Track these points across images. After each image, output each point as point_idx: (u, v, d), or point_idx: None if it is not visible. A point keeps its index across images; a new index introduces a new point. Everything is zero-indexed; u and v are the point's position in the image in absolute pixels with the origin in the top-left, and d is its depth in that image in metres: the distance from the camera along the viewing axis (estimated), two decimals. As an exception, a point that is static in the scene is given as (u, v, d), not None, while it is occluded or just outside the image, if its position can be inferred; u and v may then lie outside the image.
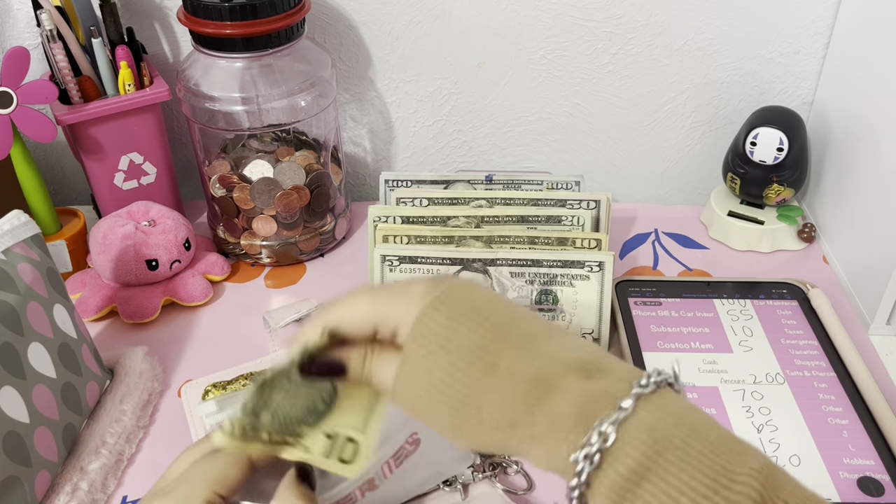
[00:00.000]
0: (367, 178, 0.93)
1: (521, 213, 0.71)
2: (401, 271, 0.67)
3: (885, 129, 0.69)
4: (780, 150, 0.76)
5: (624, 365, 0.36)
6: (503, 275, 0.67)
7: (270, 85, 0.72)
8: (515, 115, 0.87)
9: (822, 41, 0.80)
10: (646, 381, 0.33)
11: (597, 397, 0.33)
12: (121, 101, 0.74)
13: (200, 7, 0.67)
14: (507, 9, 0.80)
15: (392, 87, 0.86)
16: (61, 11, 0.72)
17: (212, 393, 0.59)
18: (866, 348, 0.68)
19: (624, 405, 0.32)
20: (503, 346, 0.35)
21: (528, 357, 0.35)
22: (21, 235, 0.56)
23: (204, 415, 0.54)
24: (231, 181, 0.76)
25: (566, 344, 0.36)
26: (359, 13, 0.81)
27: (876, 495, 0.54)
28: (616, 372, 0.35)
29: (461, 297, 0.37)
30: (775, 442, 0.57)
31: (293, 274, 0.79)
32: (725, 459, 0.31)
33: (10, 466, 0.50)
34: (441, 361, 0.35)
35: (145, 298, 0.72)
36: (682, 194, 0.92)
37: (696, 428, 0.32)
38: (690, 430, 0.32)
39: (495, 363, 0.35)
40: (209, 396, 0.58)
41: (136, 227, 0.72)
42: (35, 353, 0.54)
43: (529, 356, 0.35)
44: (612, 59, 0.82)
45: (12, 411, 0.51)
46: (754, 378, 0.63)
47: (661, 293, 0.72)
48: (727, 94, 0.84)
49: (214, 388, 0.59)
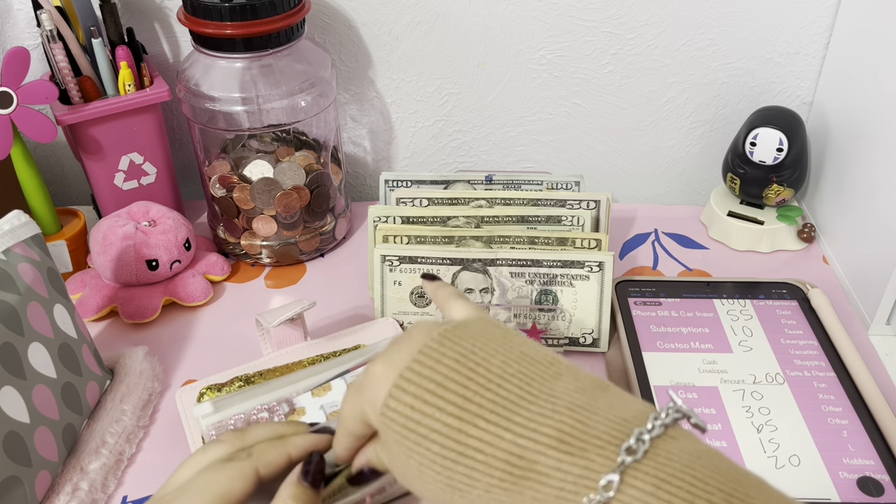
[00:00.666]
0: (367, 178, 0.94)
1: (521, 214, 0.71)
2: (401, 271, 0.67)
3: (885, 129, 0.69)
4: (780, 151, 0.76)
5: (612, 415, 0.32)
6: (503, 275, 0.67)
7: (270, 85, 0.72)
8: (515, 116, 0.87)
9: (822, 41, 0.80)
10: (635, 444, 0.30)
11: (575, 481, 0.30)
12: (121, 102, 0.74)
13: (200, 7, 0.67)
14: (507, 9, 0.80)
15: (392, 87, 0.86)
16: (61, 11, 0.72)
17: (207, 395, 0.59)
18: (866, 348, 0.68)
19: (605, 485, 0.30)
20: (475, 425, 0.33)
21: (502, 434, 0.32)
22: (21, 235, 0.56)
23: (200, 416, 0.54)
24: (231, 181, 0.76)
25: (547, 406, 0.33)
26: (359, 13, 0.81)
27: (876, 495, 0.54)
28: (600, 436, 0.31)
29: (427, 371, 0.34)
30: (775, 442, 0.58)
31: (293, 274, 0.79)
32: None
33: (10, 466, 0.50)
34: (416, 448, 0.34)
35: (145, 298, 0.72)
36: (682, 194, 0.92)
37: (695, 491, 0.29)
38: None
39: (467, 447, 0.33)
40: (204, 399, 0.58)
41: (136, 227, 0.72)
42: (35, 353, 0.54)
43: (502, 432, 0.32)
44: (611, 59, 0.82)
45: (12, 411, 0.51)
46: (754, 378, 0.63)
47: (661, 293, 0.72)
48: (727, 94, 0.84)
49: (209, 390, 0.59)
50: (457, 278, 0.67)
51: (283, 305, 0.64)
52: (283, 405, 0.54)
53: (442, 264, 0.67)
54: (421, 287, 0.68)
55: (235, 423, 0.53)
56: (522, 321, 0.68)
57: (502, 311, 0.68)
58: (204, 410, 0.53)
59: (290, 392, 0.55)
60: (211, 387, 0.59)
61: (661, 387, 0.62)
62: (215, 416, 0.53)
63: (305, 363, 0.60)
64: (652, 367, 0.64)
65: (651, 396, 0.61)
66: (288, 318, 0.62)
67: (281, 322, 0.61)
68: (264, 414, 0.53)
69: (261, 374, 0.60)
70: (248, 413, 0.54)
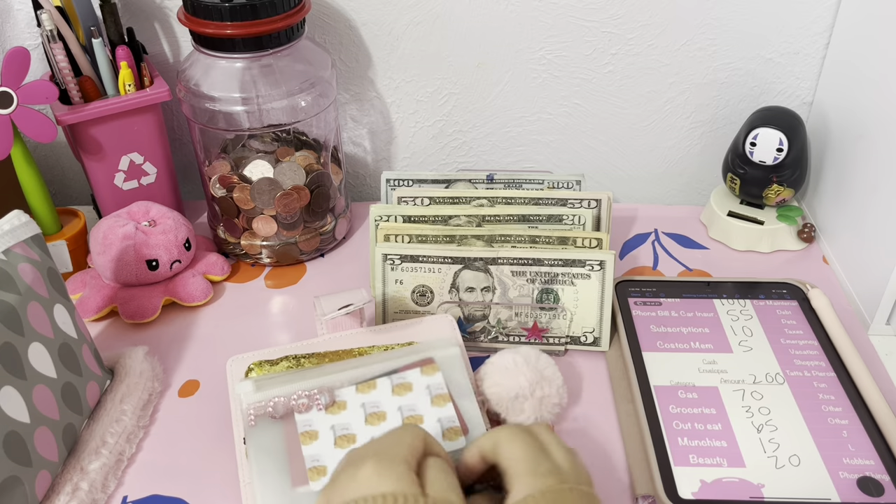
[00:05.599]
0: (367, 178, 0.94)
1: (523, 213, 0.71)
2: (402, 270, 0.67)
3: (885, 129, 0.69)
4: (780, 151, 0.76)
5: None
6: (504, 273, 0.67)
7: (270, 85, 0.72)
8: (515, 116, 0.87)
9: (822, 41, 0.80)
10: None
11: None
12: (121, 102, 0.74)
13: (200, 7, 0.67)
14: (507, 9, 0.80)
15: (392, 87, 0.86)
16: (61, 11, 0.72)
17: (255, 371, 0.59)
18: (866, 348, 0.68)
19: None
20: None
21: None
22: (21, 235, 0.56)
23: (241, 393, 0.54)
24: (231, 181, 0.76)
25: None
26: (359, 13, 0.81)
27: (876, 495, 0.54)
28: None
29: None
30: (775, 442, 0.58)
31: (293, 274, 0.79)
32: None
33: (10, 466, 0.50)
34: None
35: (145, 298, 0.72)
36: (682, 194, 0.92)
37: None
38: None
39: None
40: (251, 374, 0.58)
41: (136, 228, 0.72)
42: (35, 353, 0.54)
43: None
44: (612, 59, 0.82)
45: (13, 411, 0.51)
46: (754, 378, 0.63)
47: (661, 293, 0.72)
48: (727, 94, 0.84)
49: (258, 366, 0.59)
50: (458, 277, 0.67)
51: (341, 293, 0.63)
52: (324, 395, 0.55)
53: (444, 263, 0.67)
54: (422, 286, 0.68)
55: (275, 406, 0.54)
56: (524, 320, 0.68)
57: (503, 310, 0.68)
58: (245, 388, 0.55)
59: (333, 381, 0.55)
60: (261, 363, 0.59)
61: (661, 387, 0.62)
62: (256, 396, 0.54)
63: (356, 353, 0.60)
64: (652, 367, 0.64)
65: (651, 396, 0.61)
66: (342, 314, 0.62)
67: (335, 316, 0.62)
68: (304, 400, 0.54)
69: (311, 356, 0.60)
70: (287, 396, 0.55)
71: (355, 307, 0.62)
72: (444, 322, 0.64)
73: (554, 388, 0.60)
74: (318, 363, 0.59)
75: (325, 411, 0.54)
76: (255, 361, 0.59)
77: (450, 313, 0.67)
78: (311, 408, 0.54)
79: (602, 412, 0.63)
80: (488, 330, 0.68)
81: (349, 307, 0.62)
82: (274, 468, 0.52)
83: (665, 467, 0.56)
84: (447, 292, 0.68)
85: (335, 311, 0.61)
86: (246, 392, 0.55)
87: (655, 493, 0.54)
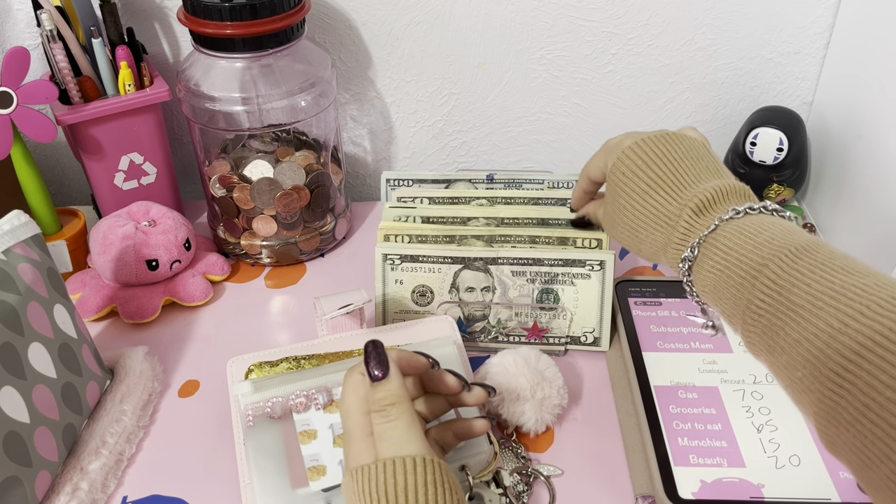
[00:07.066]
0: (367, 178, 0.94)
1: (523, 214, 0.71)
2: (402, 270, 0.67)
3: (885, 129, 0.69)
4: (780, 151, 0.76)
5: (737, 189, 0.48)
6: (504, 273, 0.67)
7: (270, 85, 0.72)
8: (515, 116, 0.87)
9: (822, 41, 0.80)
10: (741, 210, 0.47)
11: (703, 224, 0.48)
12: (121, 102, 0.74)
13: (200, 7, 0.67)
14: (507, 9, 0.80)
15: (392, 87, 0.86)
16: (61, 11, 0.72)
17: (254, 372, 0.59)
18: (866, 348, 0.68)
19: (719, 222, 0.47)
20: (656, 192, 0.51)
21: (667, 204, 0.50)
22: (21, 235, 0.56)
23: (239, 394, 0.54)
24: (231, 181, 0.76)
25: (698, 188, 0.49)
26: (359, 13, 0.81)
27: (876, 495, 0.54)
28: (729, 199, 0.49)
29: (643, 152, 0.52)
30: (775, 442, 0.57)
31: (293, 274, 0.79)
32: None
33: (10, 466, 0.50)
34: (621, 195, 0.53)
35: (145, 298, 0.72)
36: (682, 194, 0.92)
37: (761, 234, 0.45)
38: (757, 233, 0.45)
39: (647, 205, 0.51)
40: (251, 375, 0.58)
41: (136, 228, 0.72)
42: (35, 353, 0.54)
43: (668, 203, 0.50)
44: (612, 59, 0.82)
45: (13, 411, 0.51)
46: (754, 378, 0.63)
47: (661, 293, 0.72)
48: (727, 94, 0.84)
49: (258, 367, 0.59)
50: (458, 277, 0.67)
51: (341, 293, 0.63)
52: (322, 395, 0.55)
53: (443, 263, 0.67)
54: (422, 286, 0.68)
55: (273, 407, 0.54)
56: (524, 320, 0.68)
57: (503, 310, 0.68)
58: (243, 389, 0.55)
59: (330, 381, 0.56)
60: (261, 364, 0.59)
61: (662, 387, 0.62)
62: (254, 397, 0.54)
63: (356, 354, 0.60)
64: (652, 367, 0.64)
65: (651, 396, 0.61)
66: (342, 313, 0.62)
67: (335, 315, 0.62)
68: (301, 399, 0.54)
69: (311, 357, 0.60)
70: (286, 397, 0.55)
71: (355, 307, 0.62)
72: (443, 322, 0.65)
73: (554, 389, 0.60)
74: (318, 365, 0.59)
75: (323, 410, 0.54)
76: (255, 363, 0.59)
77: (450, 313, 0.67)
78: (310, 407, 0.54)
79: (602, 412, 0.63)
80: (488, 330, 0.68)
81: (349, 307, 0.62)
82: (273, 468, 0.52)
83: (665, 467, 0.55)
84: (447, 292, 0.68)
85: (335, 311, 0.61)
86: (244, 393, 0.55)
87: (655, 493, 0.54)
